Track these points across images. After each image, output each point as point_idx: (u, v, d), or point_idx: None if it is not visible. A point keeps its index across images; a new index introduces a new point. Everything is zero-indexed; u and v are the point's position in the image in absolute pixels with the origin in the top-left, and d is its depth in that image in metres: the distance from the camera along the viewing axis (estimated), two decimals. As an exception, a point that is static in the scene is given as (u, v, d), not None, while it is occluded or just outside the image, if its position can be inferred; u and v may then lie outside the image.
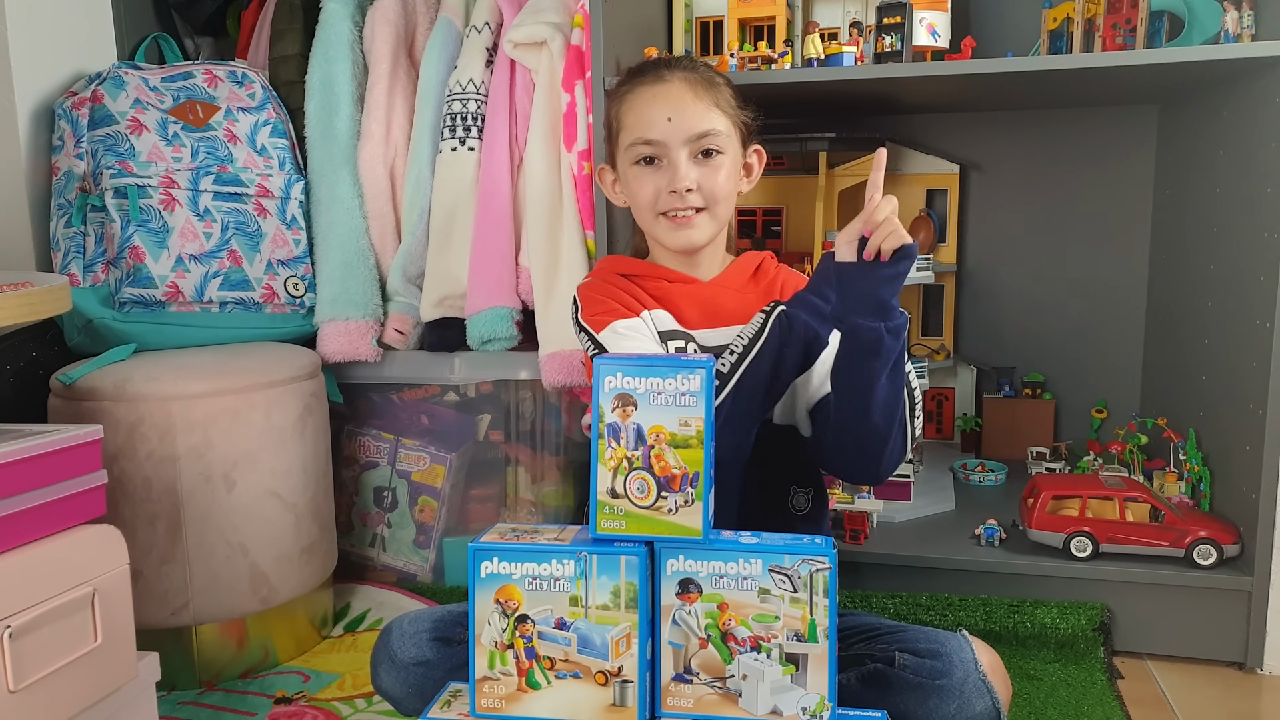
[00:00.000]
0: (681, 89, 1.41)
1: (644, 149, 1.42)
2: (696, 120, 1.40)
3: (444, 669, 1.31)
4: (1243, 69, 1.80)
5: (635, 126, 1.43)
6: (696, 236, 1.44)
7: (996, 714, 1.25)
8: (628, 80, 1.47)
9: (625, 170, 1.47)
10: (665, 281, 1.49)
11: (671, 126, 1.40)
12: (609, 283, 1.49)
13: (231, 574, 1.76)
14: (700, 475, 1.06)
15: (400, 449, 2.17)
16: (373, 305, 2.06)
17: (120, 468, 1.68)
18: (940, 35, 1.96)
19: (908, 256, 1.23)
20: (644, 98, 1.43)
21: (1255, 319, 1.76)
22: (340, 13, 2.11)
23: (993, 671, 1.27)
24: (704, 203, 1.42)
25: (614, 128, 1.49)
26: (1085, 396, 2.53)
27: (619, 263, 1.55)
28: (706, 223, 1.43)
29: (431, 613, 1.39)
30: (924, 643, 1.30)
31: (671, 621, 1.08)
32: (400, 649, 1.34)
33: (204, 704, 1.72)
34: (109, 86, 1.91)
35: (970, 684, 1.24)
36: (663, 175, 1.42)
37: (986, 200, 2.53)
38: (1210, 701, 1.69)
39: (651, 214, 1.45)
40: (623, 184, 1.50)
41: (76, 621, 1.26)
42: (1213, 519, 1.86)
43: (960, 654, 1.27)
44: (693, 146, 1.41)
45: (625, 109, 1.45)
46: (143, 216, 1.86)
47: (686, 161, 1.40)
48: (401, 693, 1.34)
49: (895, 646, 1.32)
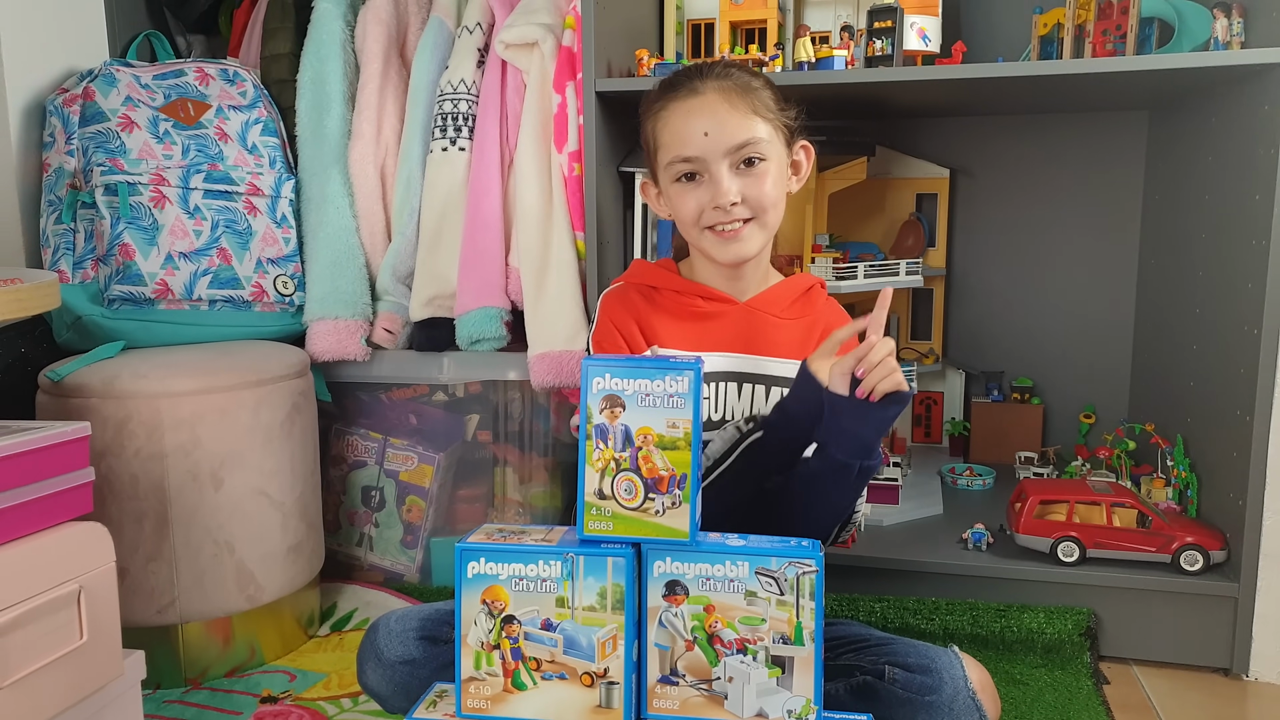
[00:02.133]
0: (716, 100, 1.36)
1: (683, 166, 1.38)
2: (735, 131, 1.35)
3: (430, 668, 1.31)
4: (1232, 76, 1.81)
5: (672, 144, 1.39)
6: (746, 249, 1.40)
7: None
8: (661, 96, 1.43)
9: (667, 187, 1.43)
10: (700, 300, 1.46)
11: (709, 141, 1.35)
12: (627, 305, 1.46)
13: (218, 572, 1.76)
14: (688, 477, 1.06)
15: (388, 448, 2.17)
16: (362, 304, 2.06)
17: (107, 465, 1.67)
18: (931, 40, 1.97)
19: (899, 402, 1.25)
20: (679, 113, 1.38)
21: (1243, 325, 1.77)
22: (332, 12, 2.11)
23: (982, 689, 1.27)
24: (751, 213, 1.38)
25: (651, 145, 1.45)
26: (1073, 401, 2.53)
27: (648, 272, 1.52)
28: (755, 233, 1.39)
29: (418, 611, 1.38)
30: (914, 657, 1.30)
31: (658, 623, 1.08)
32: (387, 647, 1.33)
33: (189, 702, 1.71)
34: (100, 84, 1.90)
35: (960, 701, 1.24)
36: (705, 190, 1.37)
37: (976, 205, 2.53)
38: (1196, 707, 1.69)
39: (697, 229, 1.40)
40: (666, 199, 1.45)
41: (62, 619, 1.25)
42: (1200, 525, 1.87)
43: (950, 670, 1.26)
44: (733, 158, 1.36)
45: (660, 126, 1.41)
46: (133, 214, 1.85)
47: (728, 174, 1.36)
48: (388, 691, 1.34)
49: (885, 659, 1.31)
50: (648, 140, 1.46)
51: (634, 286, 1.50)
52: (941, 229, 2.51)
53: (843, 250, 2.22)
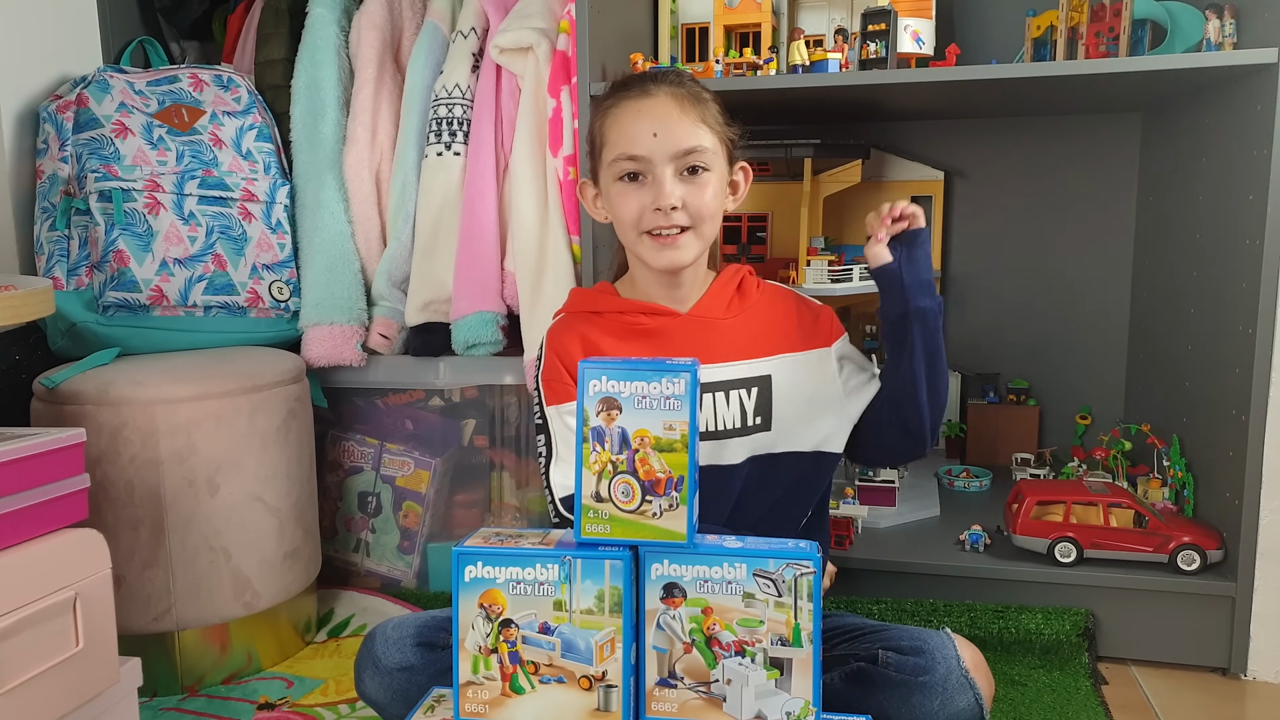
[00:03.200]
0: (668, 104, 1.37)
1: (628, 165, 1.37)
2: (683, 136, 1.35)
3: (428, 674, 1.31)
4: (1225, 77, 1.81)
5: (619, 142, 1.38)
6: (681, 256, 1.39)
7: (980, 709, 1.25)
8: (612, 94, 1.43)
9: (608, 186, 1.42)
10: (642, 316, 1.45)
11: (657, 142, 1.35)
12: (572, 335, 1.45)
13: (214, 579, 1.76)
14: (685, 479, 1.06)
15: (385, 454, 2.17)
16: (357, 310, 2.06)
17: (103, 471, 1.67)
18: (925, 42, 1.97)
19: (920, 232, 1.43)
20: (629, 112, 1.38)
21: (1238, 325, 1.77)
22: (326, 17, 2.11)
23: (975, 668, 1.27)
24: (690, 221, 1.37)
25: (597, 142, 1.44)
26: (1069, 403, 2.53)
27: (586, 299, 1.51)
28: (692, 242, 1.39)
29: (415, 618, 1.38)
30: (907, 640, 1.31)
31: (656, 626, 1.08)
32: (384, 654, 1.33)
33: (186, 710, 1.71)
34: (94, 90, 1.90)
35: (953, 680, 1.25)
36: (647, 192, 1.37)
37: (971, 207, 2.54)
38: (1194, 707, 1.70)
39: (635, 232, 1.40)
40: (605, 200, 1.45)
41: (58, 626, 1.25)
42: (1196, 525, 1.87)
43: (943, 650, 1.27)
44: (678, 163, 1.36)
45: (609, 123, 1.40)
46: (127, 220, 1.85)
47: (672, 179, 1.36)
48: (386, 698, 1.34)
49: (879, 645, 1.33)
50: (594, 137, 1.45)
51: (577, 315, 1.49)
52: (936, 231, 2.52)
53: (838, 253, 2.23)
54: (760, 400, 1.44)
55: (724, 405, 1.43)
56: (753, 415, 1.44)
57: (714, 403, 1.43)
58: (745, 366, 1.43)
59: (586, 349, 1.43)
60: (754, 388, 1.44)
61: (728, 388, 1.43)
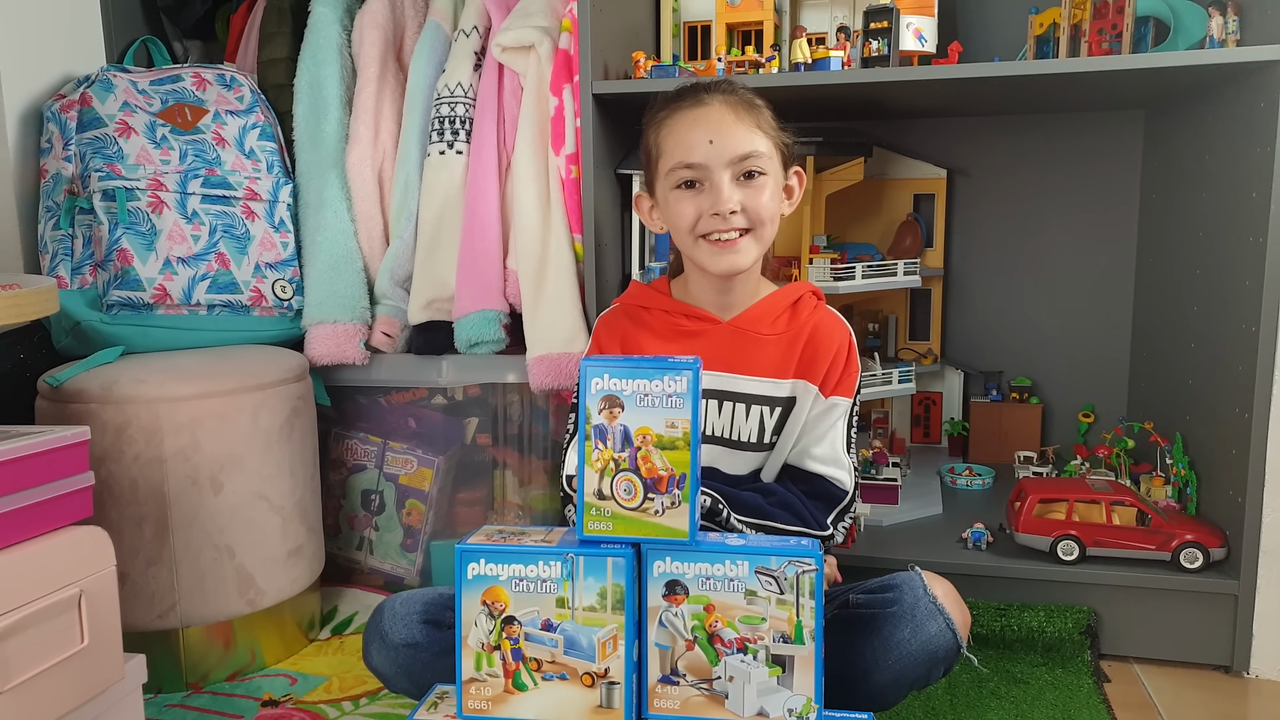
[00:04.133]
0: (722, 111, 1.40)
1: (685, 173, 1.40)
2: (739, 142, 1.38)
3: (433, 651, 1.33)
4: (1228, 74, 1.81)
5: (676, 151, 1.41)
6: (741, 260, 1.41)
7: (952, 635, 1.27)
8: (666, 106, 1.45)
9: (665, 195, 1.44)
10: (684, 319, 1.47)
11: (713, 149, 1.38)
12: (613, 331, 1.50)
13: (218, 576, 1.76)
14: (687, 477, 1.06)
15: (388, 452, 2.17)
16: (360, 308, 2.06)
17: (107, 470, 1.67)
18: (927, 40, 1.97)
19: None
20: (684, 122, 1.41)
21: (1241, 323, 1.77)
22: (329, 16, 2.11)
23: (945, 597, 1.29)
24: (749, 224, 1.40)
25: (653, 154, 1.46)
26: (1072, 401, 2.53)
27: (641, 294, 1.55)
28: (751, 245, 1.41)
29: (423, 594, 1.40)
30: (876, 582, 1.35)
31: (658, 623, 1.08)
32: (391, 629, 1.35)
33: (191, 706, 1.71)
34: (97, 89, 1.90)
35: (921, 608, 1.27)
36: (705, 198, 1.40)
37: (973, 205, 2.54)
38: (1197, 705, 1.69)
39: (692, 237, 1.42)
40: (662, 209, 1.47)
41: (63, 623, 1.25)
42: (1199, 523, 1.87)
43: (910, 583, 1.30)
44: (735, 169, 1.39)
45: (665, 134, 1.43)
46: (131, 219, 1.85)
47: (729, 184, 1.38)
48: (391, 671, 1.37)
49: (851, 592, 1.36)
50: (649, 149, 1.48)
51: (625, 308, 1.54)
52: (939, 229, 2.52)
53: (840, 251, 2.23)
54: (781, 421, 1.47)
55: (743, 417, 1.45)
56: (770, 434, 1.47)
57: (733, 412, 1.45)
58: (773, 385, 1.45)
59: (624, 344, 1.48)
60: (778, 408, 1.46)
61: (751, 401, 1.45)
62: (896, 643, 1.26)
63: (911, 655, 1.26)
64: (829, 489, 1.46)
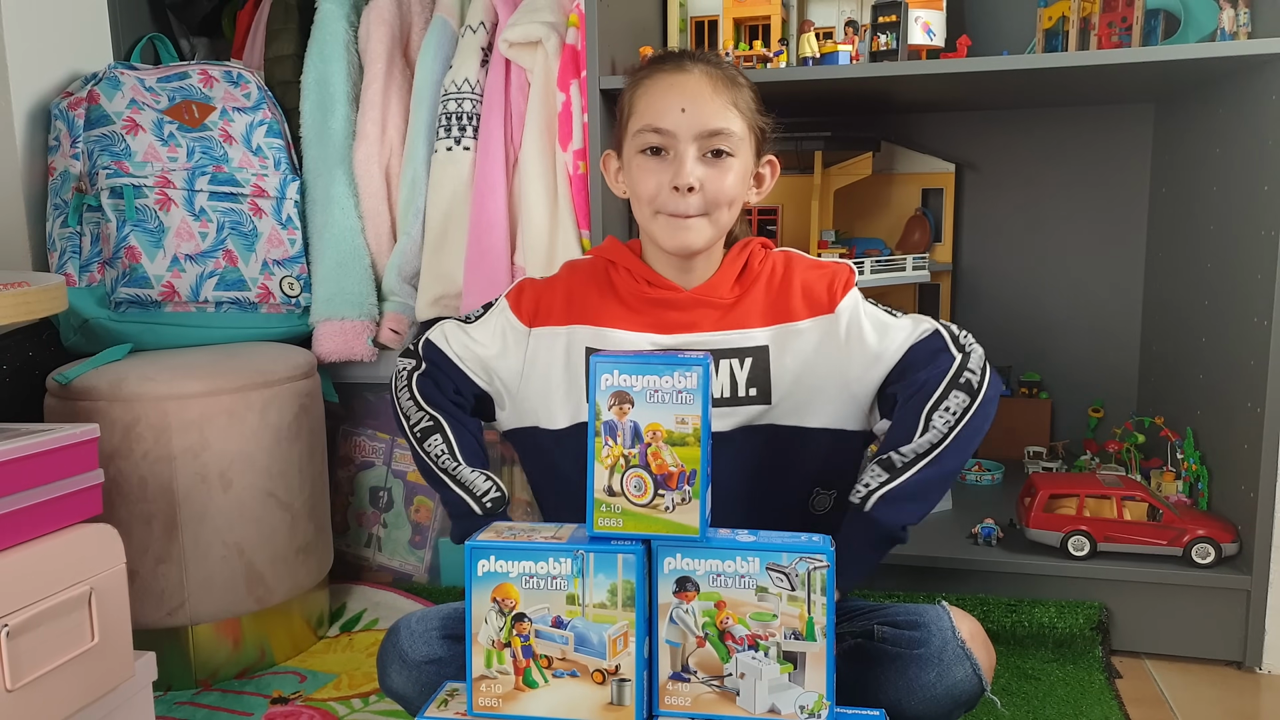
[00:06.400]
0: (701, 81, 1.34)
1: (652, 137, 1.35)
2: (711, 116, 1.33)
3: (455, 666, 1.28)
4: (1239, 66, 1.80)
5: (646, 113, 1.35)
6: (693, 240, 1.36)
7: (978, 679, 1.23)
8: (647, 66, 1.40)
9: (630, 159, 1.39)
10: (646, 285, 1.42)
11: (684, 118, 1.32)
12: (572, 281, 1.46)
13: (227, 574, 1.76)
14: (697, 473, 1.05)
15: (396, 449, 2.17)
16: (368, 305, 2.06)
17: (116, 467, 1.67)
18: (935, 34, 1.96)
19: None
20: (661, 85, 1.35)
21: (1253, 317, 1.76)
22: (335, 12, 2.11)
23: (972, 638, 1.25)
24: (705, 207, 1.34)
25: (625, 112, 1.41)
26: (1082, 396, 2.53)
27: (615, 249, 1.48)
28: (705, 227, 1.36)
29: (439, 610, 1.37)
30: (903, 615, 1.30)
31: (669, 620, 1.07)
32: (411, 648, 1.30)
33: (200, 704, 1.71)
34: (105, 87, 1.90)
35: (949, 651, 1.23)
36: (667, 169, 1.34)
37: (982, 199, 2.53)
38: (1209, 701, 1.69)
39: (649, 210, 1.37)
40: (625, 173, 1.42)
41: (73, 620, 1.25)
42: (1211, 518, 1.86)
43: (938, 622, 1.26)
44: (703, 144, 1.33)
45: (639, 94, 1.37)
46: (138, 216, 1.86)
47: (694, 159, 1.33)
48: (414, 691, 1.31)
49: (875, 620, 1.32)
50: (622, 106, 1.43)
51: (597, 263, 1.48)
52: (947, 224, 2.51)
53: (849, 246, 2.22)
54: (756, 372, 1.39)
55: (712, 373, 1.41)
56: (745, 386, 1.39)
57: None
58: (738, 335, 1.38)
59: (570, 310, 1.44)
60: (747, 358, 1.39)
61: (719, 355, 1.39)
62: (921, 685, 1.23)
63: (936, 699, 1.24)
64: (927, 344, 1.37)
